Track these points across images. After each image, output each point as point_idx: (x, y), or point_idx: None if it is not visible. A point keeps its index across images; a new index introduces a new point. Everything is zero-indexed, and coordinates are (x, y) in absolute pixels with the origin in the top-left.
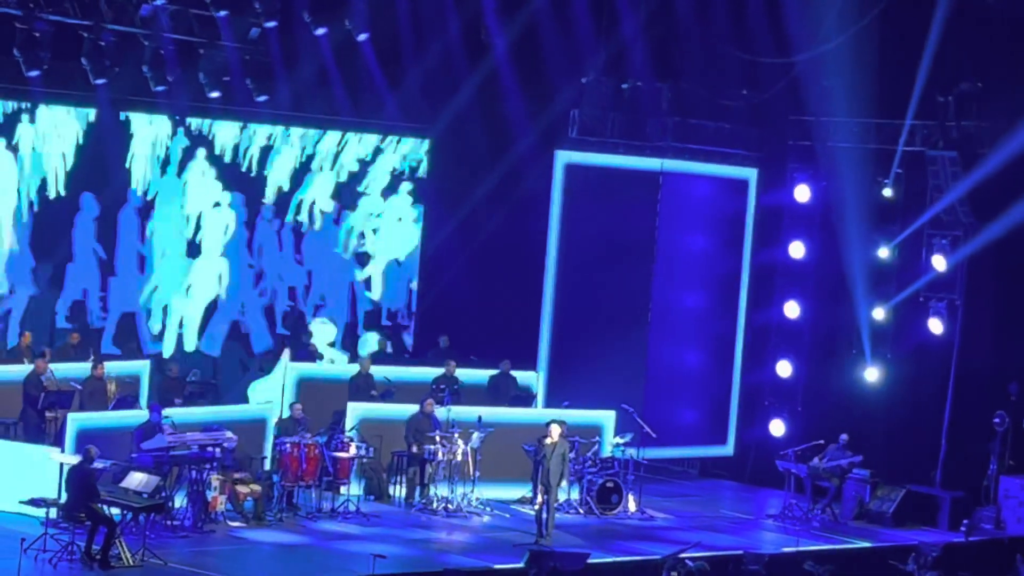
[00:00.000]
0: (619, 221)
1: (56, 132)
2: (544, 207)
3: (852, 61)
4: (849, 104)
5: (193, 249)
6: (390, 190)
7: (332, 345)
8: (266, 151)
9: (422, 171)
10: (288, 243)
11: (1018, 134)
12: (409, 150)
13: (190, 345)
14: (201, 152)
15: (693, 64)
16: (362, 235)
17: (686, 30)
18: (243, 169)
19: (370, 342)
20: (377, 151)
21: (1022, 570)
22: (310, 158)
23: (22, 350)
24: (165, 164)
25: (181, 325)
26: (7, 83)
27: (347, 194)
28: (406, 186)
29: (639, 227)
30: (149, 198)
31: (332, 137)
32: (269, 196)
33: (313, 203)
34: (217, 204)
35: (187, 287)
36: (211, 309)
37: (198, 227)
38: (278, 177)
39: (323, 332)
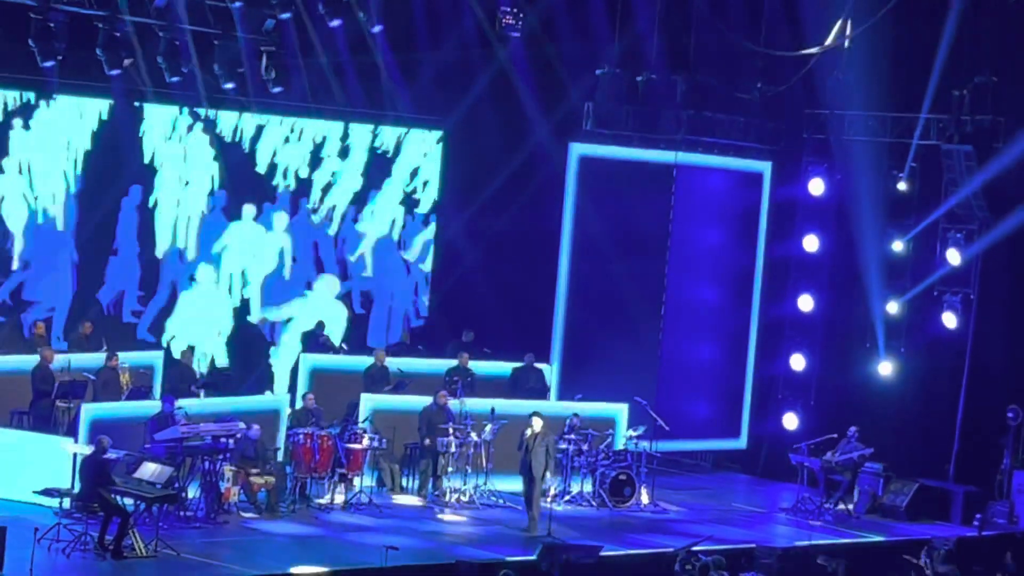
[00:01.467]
0: (633, 214)
1: (69, 123)
2: (558, 200)
3: (867, 54)
4: (864, 98)
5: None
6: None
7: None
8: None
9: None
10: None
11: None
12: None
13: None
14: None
15: (708, 57)
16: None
17: (701, 23)
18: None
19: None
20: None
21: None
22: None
23: (35, 340)
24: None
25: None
26: (22, 73)
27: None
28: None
29: (653, 220)
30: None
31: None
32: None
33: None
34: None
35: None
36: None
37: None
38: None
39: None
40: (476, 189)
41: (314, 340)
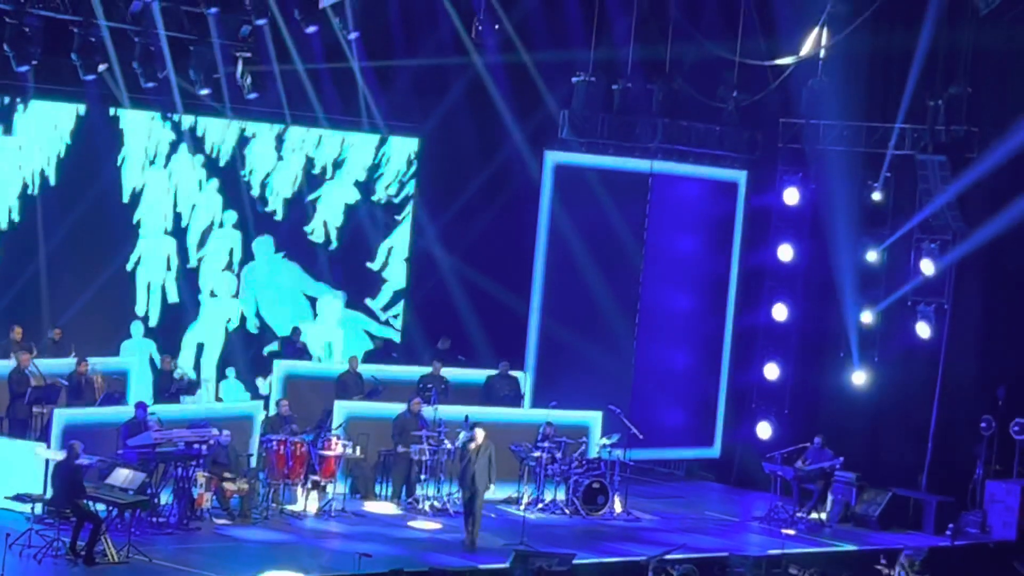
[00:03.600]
0: (608, 222)
1: (44, 129)
2: (533, 207)
3: (843, 65)
4: (839, 107)
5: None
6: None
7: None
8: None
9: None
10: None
11: (1007, 138)
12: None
13: None
14: (184, 147)
15: (684, 66)
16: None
17: (677, 32)
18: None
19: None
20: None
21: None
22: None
23: (12, 345)
24: (152, 160)
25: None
26: None
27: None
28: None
29: (628, 228)
30: (137, 191)
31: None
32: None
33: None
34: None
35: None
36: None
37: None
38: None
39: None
40: (452, 196)
41: (290, 346)
